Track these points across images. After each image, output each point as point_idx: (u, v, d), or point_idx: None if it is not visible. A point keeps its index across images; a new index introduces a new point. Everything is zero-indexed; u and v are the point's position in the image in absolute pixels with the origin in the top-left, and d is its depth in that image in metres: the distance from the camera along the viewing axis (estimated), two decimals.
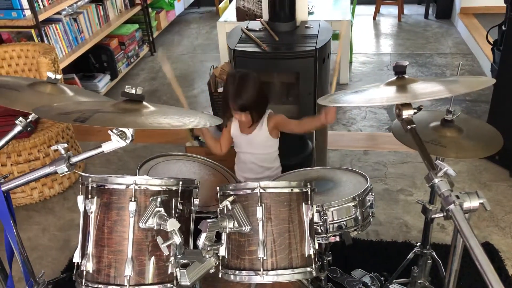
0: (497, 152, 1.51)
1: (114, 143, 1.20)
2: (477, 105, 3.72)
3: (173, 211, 1.31)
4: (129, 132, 1.20)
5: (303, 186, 1.34)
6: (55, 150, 1.26)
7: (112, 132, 1.19)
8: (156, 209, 1.23)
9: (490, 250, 2.33)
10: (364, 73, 4.47)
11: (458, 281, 1.31)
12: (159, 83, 4.52)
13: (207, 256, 1.21)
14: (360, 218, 1.60)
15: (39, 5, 3.44)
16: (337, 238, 1.58)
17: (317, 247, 1.36)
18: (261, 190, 1.28)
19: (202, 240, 1.19)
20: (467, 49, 4.83)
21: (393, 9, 6.03)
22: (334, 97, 1.44)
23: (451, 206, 0.99)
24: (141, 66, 4.92)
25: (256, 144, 2.04)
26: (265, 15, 2.71)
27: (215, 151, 2.13)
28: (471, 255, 0.93)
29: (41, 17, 3.36)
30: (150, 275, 1.27)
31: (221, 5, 4.53)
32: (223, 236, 1.31)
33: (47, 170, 1.25)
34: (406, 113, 1.20)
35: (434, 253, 1.91)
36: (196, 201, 1.41)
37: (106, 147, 1.22)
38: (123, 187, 1.26)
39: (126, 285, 1.24)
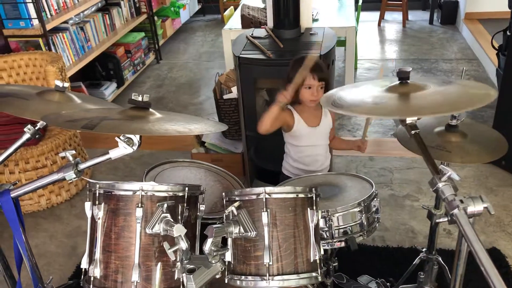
0: (504, 157, 1.51)
1: (121, 150, 1.22)
2: (483, 110, 3.71)
3: (180, 217, 1.32)
4: (135, 138, 1.21)
5: (308, 192, 1.35)
6: (63, 157, 1.27)
7: (119, 139, 1.20)
8: (163, 215, 1.24)
9: (497, 255, 2.32)
10: (369, 79, 4.48)
11: (464, 286, 1.30)
12: (165, 91, 4.55)
13: (213, 261, 1.22)
14: (365, 223, 1.61)
15: (46, 14, 3.48)
16: (343, 244, 1.58)
17: (322, 252, 1.36)
18: (267, 196, 1.29)
19: (208, 246, 1.20)
20: (472, 55, 4.83)
21: (398, 15, 6.04)
22: (335, 99, 1.41)
23: (455, 211, 1.00)
24: (147, 74, 4.96)
25: (324, 134, 2.13)
26: (270, 23, 2.73)
27: (265, 126, 1.93)
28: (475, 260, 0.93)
29: (49, 26, 3.40)
30: (157, 281, 1.28)
31: (226, 13, 4.56)
32: (229, 241, 1.32)
33: (56, 176, 1.27)
34: (410, 119, 1.21)
35: (440, 259, 1.91)
36: (202, 207, 1.42)
37: (113, 153, 1.24)
38: (130, 193, 1.27)
39: None
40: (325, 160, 2.16)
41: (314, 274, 1.32)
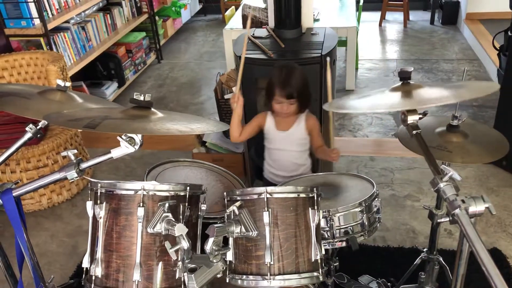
0: (505, 157, 1.51)
1: (123, 149, 1.22)
2: (484, 110, 3.72)
3: (181, 216, 1.32)
4: (137, 138, 1.22)
5: (309, 191, 1.35)
6: (64, 157, 1.28)
7: (121, 138, 1.21)
8: (164, 214, 1.24)
9: (498, 256, 2.31)
10: (370, 79, 4.48)
11: (465, 286, 1.31)
12: (166, 90, 4.55)
13: (214, 260, 1.22)
14: (366, 223, 1.61)
15: (48, 14, 3.49)
16: (344, 244, 1.58)
17: (323, 252, 1.37)
18: (268, 195, 1.29)
19: (209, 245, 1.20)
20: (473, 55, 4.83)
21: (399, 16, 6.04)
22: (340, 103, 1.45)
23: (457, 211, 1.00)
24: (148, 74, 4.96)
25: (293, 141, 2.07)
26: (271, 22, 2.73)
27: (233, 134, 2.05)
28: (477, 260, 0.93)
29: (50, 26, 3.41)
30: (158, 280, 1.28)
31: (227, 12, 4.56)
32: (230, 241, 1.32)
33: (57, 176, 1.27)
34: (412, 119, 1.21)
35: (441, 259, 1.91)
36: (204, 207, 1.43)
37: (115, 153, 1.24)
38: (132, 192, 1.28)
39: None
40: (297, 167, 2.11)
41: (315, 273, 1.32)
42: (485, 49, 4.49)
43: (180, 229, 1.17)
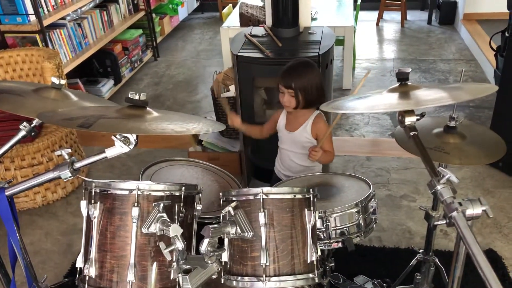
0: (501, 158, 1.51)
1: (118, 149, 1.21)
2: (481, 111, 3.72)
3: (176, 217, 1.31)
4: (132, 137, 1.20)
5: (305, 192, 1.34)
6: (59, 155, 1.26)
7: (116, 137, 1.19)
8: (159, 214, 1.23)
9: (493, 257, 2.32)
10: (367, 79, 4.47)
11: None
12: (162, 88, 4.53)
13: (209, 262, 1.21)
14: (362, 224, 1.60)
15: (43, 10, 3.46)
16: (340, 244, 1.58)
17: (319, 253, 1.36)
18: (264, 196, 1.28)
19: (204, 246, 1.19)
20: (470, 55, 4.83)
21: (396, 15, 6.04)
22: (337, 104, 1.44)
23: (454, 213, 0.99)
24: (144, 71, 4.94)
25: (297, 143, 2.06)
26: (269, 21, 2.72)
27: (256, 136, 2.21)
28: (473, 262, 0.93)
29: (46, 22, 3.38)
30: (152, 281, 1.27)
31: (225, 11, 4.55)
32: (226, 242, 1.31)
33: (51, 175, 1.25)
34: (409, 120, 1.20)
35: (437, 260, 1.90)
36: (199, 207, 1.41)
37: (110, 152, 1.23)
38: (126, 192, 1.26)
39: None
40: (303, 169, 2.08)
41: (311, 275, 1.31)
42: (482, 49, 4.49)
43: (175, 230, 1.16)
